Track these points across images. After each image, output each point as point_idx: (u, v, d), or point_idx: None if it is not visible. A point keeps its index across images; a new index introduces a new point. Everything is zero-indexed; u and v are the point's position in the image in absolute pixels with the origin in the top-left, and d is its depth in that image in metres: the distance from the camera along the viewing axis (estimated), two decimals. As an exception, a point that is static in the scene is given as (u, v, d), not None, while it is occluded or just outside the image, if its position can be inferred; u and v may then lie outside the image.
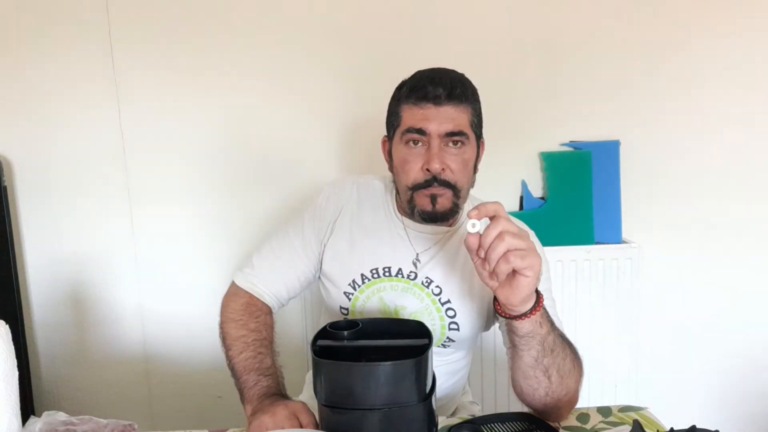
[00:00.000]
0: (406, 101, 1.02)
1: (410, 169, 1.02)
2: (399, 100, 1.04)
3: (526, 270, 0.78)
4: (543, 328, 0.86)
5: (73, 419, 0.88)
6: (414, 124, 1.00)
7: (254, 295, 1.12)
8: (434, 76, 1.01)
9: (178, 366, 1.70)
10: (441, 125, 0.99)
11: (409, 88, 1.02)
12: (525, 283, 0.80)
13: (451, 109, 1.00)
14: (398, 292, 1.09)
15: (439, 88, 0.99)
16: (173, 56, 1.58)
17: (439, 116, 0.99)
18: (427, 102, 0.99)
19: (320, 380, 0.82)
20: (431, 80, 1.00)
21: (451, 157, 1.01)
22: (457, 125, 1.00)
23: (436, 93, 0.99)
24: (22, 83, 1.57)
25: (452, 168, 1.01)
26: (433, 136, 1.00)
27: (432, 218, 1.04)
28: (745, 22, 1.63)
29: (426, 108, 1.00)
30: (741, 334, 1.75)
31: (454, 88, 1.00)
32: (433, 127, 0.99)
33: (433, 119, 0.99)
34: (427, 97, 0.99)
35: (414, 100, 1.01)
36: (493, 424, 0.95)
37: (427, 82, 1.00)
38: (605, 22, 1.62)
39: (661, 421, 0.95)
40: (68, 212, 1.63)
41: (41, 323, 1.68)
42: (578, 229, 1.65)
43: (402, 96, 1.03)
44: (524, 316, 0.84)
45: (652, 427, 0.92)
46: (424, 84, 1.00)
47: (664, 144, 1.68)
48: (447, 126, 0.99)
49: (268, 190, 1.65)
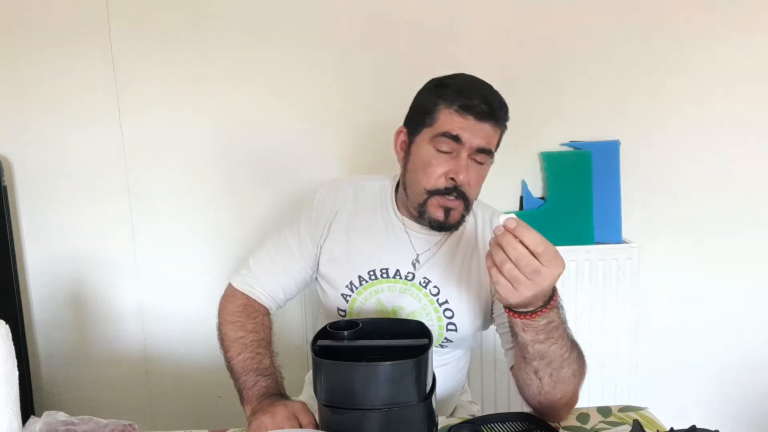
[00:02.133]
0: (449, 105, 1.00)
1: (432, 173, 1.02)
2: (439, 99, 1.02)
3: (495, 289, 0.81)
4: (526, 335, 0.84)
5: (73, 419, 0.88)
6: (452, 130, 1.00)
7: (251, 297, 1.12)
8: (484, 92, 1.01)
9: (178, 366, 1.70)
10: (476, 139, 1.00)
11: (456, 92, 1.00)
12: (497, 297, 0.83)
13: (489, 128, 1.01)
14: (396, 293, 1.09)
15: (486, 105, 0.99)
16: (173, 56, 1.57)
17: (477, 130, 1.00)
18: (470, 114, 0.99)
19: (320, 380, 0.82)
20: (481, 95, 1.00)
21: (473, 172, 1.02)
22: (489, 143, 1.02)
23: (481, 108, 0.99)
24: (22, 83, 1.57)
25: (471, 182, 1.02)
26: (466, 147, 1.00)
27: (440, 228, 1.05)
28: (745, 23, 1.63)
29: (467, 119, 0.99)
30: (741, 334, 1.75)
31: (499, 108, 1.01)
32: (468, 138, 0.99)
33: (470, 131, 0.99)
34: (473, 109, 0.99)
35: (458, 107, 1.00)
36: (493, 424, 0.95)
37: (476, 94, 1.00)
38: (605, 23, 1.62)
39: (661, 421, 0.95)
40: (68, 212, 1.63)
41: (41, 323, 1.68)
42: (578, 229, 1.65)
43: (444, 98, 1.01)
44: (512, 313, 0.84)
45: (652, 427, 0.92)
46: (473, 95, 1.00)
47: (664, 144, 1.68)
48: (481, 142, 1.00)
49: (267, 190, 1.65)
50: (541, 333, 0.84)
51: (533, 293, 0.77)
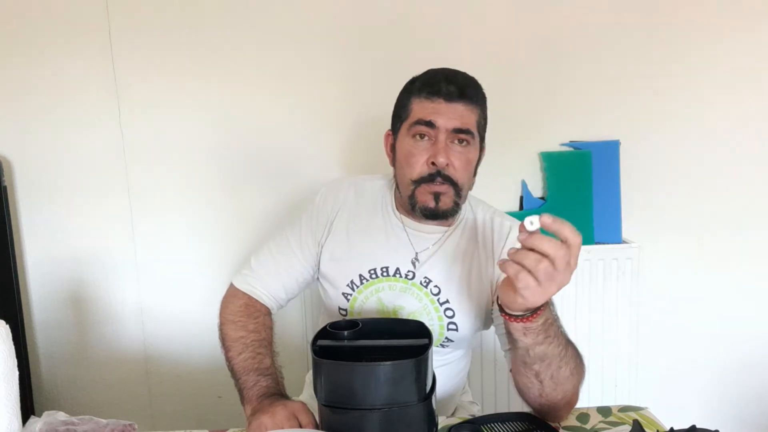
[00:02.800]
0: (418, 95, 1.03)
1: (415, 162, 1.03)
2: (410, 93, 1.05)
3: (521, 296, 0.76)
4: (527, 339, 0.84)
5: (73, 419, 0.88)
6: (424, 116, 1.01)
7: (253, 297, 1.12)
8: (448, 74, 1.03)
9: (178, 366, 1.70)
10: (450, 120, 1.00)
11: (422, 82, 1.03)
12: (513, 300, 0.78)
13: (461, 107, 1.01)
14: (396, 292, 1.09)
15: (452, 86, 1.01)
16: (173, 57, 1.57)
17: (449, 112, 1.01)
18: (438, 97, 1.01)
19: (320, 380, 0.82)
20: (445, 77, 1.02)
21: (456, 154, 1.02)
22: (465, 123, 1.02)
23: (448, 89, 1.00)
24: (22, 83, 1.57)
25: (456, 165, 1.02)
26: (441, 130, 1.01)
27: (433, 215, 1.04)
28: (745, 23, 1.63)
29: (437, 102, 1.01)
30: (741, 334, 1.75)
31: (466, 87, 1.02)
32: (442, 122, 1.00)
33: (443, 114, 1.00)
34: (439, 93, 1.01)
35: (426, 94, 1.02)
36: (493, 424, 0.95)
37: (441, 78, 1.02)
38: (605, 23, 1.62)
39: (661, 421, 0.95)
40: (68, 212, 1.63)
41: (41, 323, 1.68)
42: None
43: (414, 90, 1.04)
44: (510, 318, 0.83)
45: (652, 427, 0.92)
46: (438, 80, 1.02)
47: (664, 144, 1.68)
48: (455, 122, 1.01)
49: (268, 190, 1.65)
50: (540, 334, 0.84)
51: (556, 291, 0.76)
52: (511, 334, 0.86)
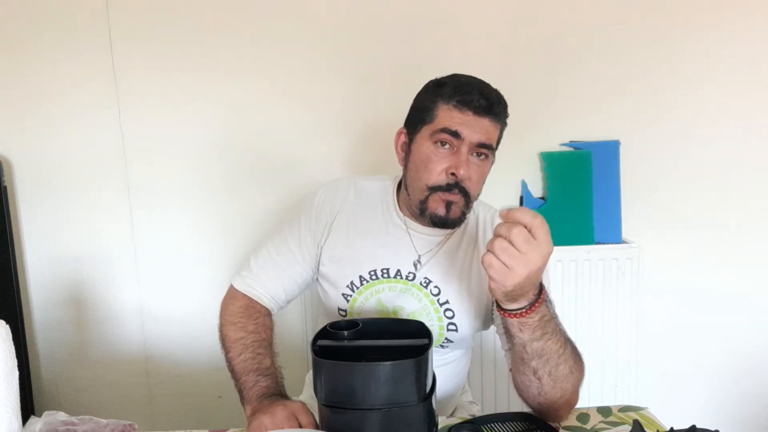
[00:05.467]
0: (447, 102, 1.02)
1: (433, 169, 1.02)
2: (438, 97, 1.03)
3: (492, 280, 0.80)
4: (524, 334, 0.85)
5: (73, 419, 0.88)
6: (451, 125, 1.01)
7: (252, 298, 1.12)
8: (482, 88, 1.02)
9: (178, 366, 1.70)
10: (475, 134, 1.01)
11: (454, 90, 1.02)
12: (492, 287, 0.82)
13: (488, 123, 1.02)
14: (396, 293, 1.09)
15: (484, 100, 1.00)
16: (173, 57, 1.58)
17: (476, 125, 1.01)
18: (469, 109, 1.00)
19: (320, 380, 0.82)
20: (479, 90, 1.01)
21: (474, 167, 1.03)
22: (489, 138, 1.02)
23: (479, 103, 1.00)
24: (22, 83, 1.57)
25: (472, 178, 1.03)
26: (465, 142, 1.01)
27: (442, 224, 1.05)
28: (745, 23, 1.63)
29: (466, 114, 1.01)
30: (741, 334, 1.75)
31: (497, 103, 1.02)
32: (467, 134, 1.00)
33: (470, 126, 1.00)
34: (470, 105, 1.00)
35: (456, 103, 1.01)
36: (493, 424, 0.95)
37: (474, 89, 1.01)
38: (605, 22, 1.62)
39: (661, 421, 0.95)
40: (68, 212, 1.63)
41: (41, 323, 1.68)
42: (578, 229, 1.65)
43: (443, 95, 1.02)
44: (507, 314, 0.84)
45: (652, 427, 0.92)
46: (471, 91, 1.01)
47: (664, 144, 1.68)
48: (480, 136, 1.01)
49: (268, 190, 1.65)
50: (537, 330, 0.85)
51: (527, 272, 0.78)
52: (509, 330, 0.87)
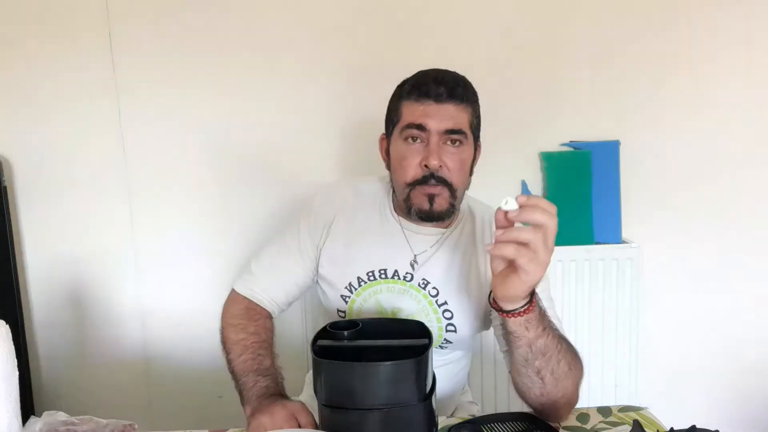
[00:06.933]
0: (408, 98, 1.02)
1: (408, 165, 1.02)
2: (400, 97, 1.04)
3: (525, 273, 0.76)
4: (530, 332, 0.84)
5: (73, 419, 0.88)
6: (414, 119, 1.01)
7: (253, 301, 1.12)
8: (437, 75, 1.02)
9: (178, 366, 1.70)
10: (441, 122, 1.00)
11: (411, 85, 1.03)
12: (518, 283, 0.78)
13: (452, 108, 1.00)
14: (395, 294, 1.09)
15: (441, 87, 0.99)
16: (173, 56, 1.58)
17: (439, 113, 1.00)
18: (428, 99, 1.00)
19: (320, 380, 0.82)
20: (434, 78, 1.01)
21: (449, 155, 1.01)
22: (457, 123, 1.00)
23: (438, 91, 0.99)
24: (22, 83, 1.57)
25: (449, 166, 1.01)
26: (433, 132, 1.00)
27: (428, 217, 1.04)
28: (745, 23, 1.63)
29: (427, 104, 1.00)
30: (741, 334, 1.75)
31: (456, 87, 1.00)
32: (432, 124, 1.00)
33: (433, 116, 0.99)
34: (428, 94, 1.00)
35: (416, 96, 1.01)
36: (493, 424, 0.95)
37: (429, 79, 1.01)
38: (605, 23, 1.62)
39: (661, 421, 0.95)
40: (68, 212, 1.63)
41: (41, 323, 1.68)
42: (578, 229, 1.65)
43: (404, 93, 1.03)
44: (510, 315, 0.83)
45: (652, 427, 0.92)
46: (427, 81, 1.01)
47: (664, 144, 1.67)
48: (447, 123, 1.00)
49: (268, 190, 1.65)
50: (539, 325, 0.85)
51: (549, 261, 0.77)
52: (512, 333, 0.86)
